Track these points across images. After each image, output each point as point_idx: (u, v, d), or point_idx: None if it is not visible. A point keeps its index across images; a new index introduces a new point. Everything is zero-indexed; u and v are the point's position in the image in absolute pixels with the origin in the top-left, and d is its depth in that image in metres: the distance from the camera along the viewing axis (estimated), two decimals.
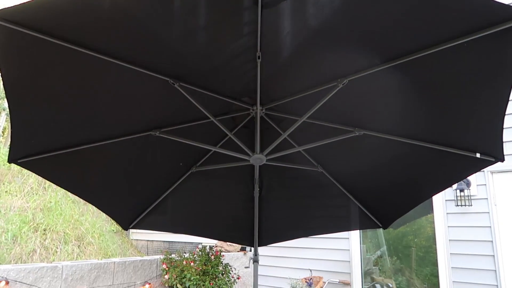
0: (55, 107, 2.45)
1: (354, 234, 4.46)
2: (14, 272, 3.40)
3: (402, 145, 2.96)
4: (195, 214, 4.08)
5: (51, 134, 2.66)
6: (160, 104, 2.82)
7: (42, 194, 6.70)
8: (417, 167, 3.07)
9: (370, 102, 2.69)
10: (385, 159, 3.19)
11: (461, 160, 2.83)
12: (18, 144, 2.61)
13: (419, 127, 2.75)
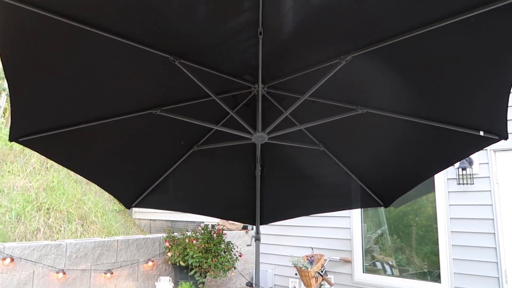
0: (55, 85, 2.43)
1: (355, 213, 4.49)
2: (18, 249, 3.44)
3: (404, 123, 2.94)
4: (197, 193, 4.10)
5: (52, 112, 2.64)
6: (161, 82, 2.79)
7: (45, 174, 6.73)
8: (419, 145, 3.06)
9: (373, 80, 2.66)
10: (388, 138, 3.18)
11: (464, 138, 2.81)
12: (18, 122, 2.59)
13: (423, 105, 2.72)
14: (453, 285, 3.69)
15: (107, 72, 2.48)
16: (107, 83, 2.57)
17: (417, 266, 4.05)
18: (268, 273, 5.12)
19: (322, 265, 4.20)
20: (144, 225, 7.40)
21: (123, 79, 2.59)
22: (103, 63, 2.39)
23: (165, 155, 3.63)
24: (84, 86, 2.52)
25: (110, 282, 4.01)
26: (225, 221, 5.46)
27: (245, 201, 4.27)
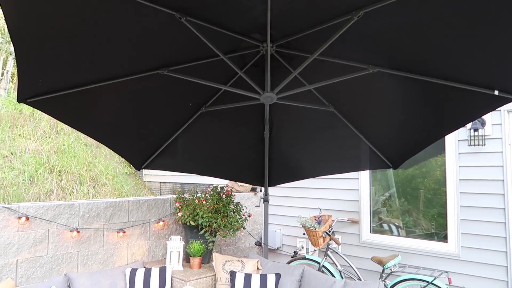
0: (61, 46, 2.39)
1: (364, 174, 4.49)
2: (33, 209, 3.53)
3: (416, 83, 2.87)
4: (206, 155, 4.12)
5: (58, 73, 2.62)
6: (168, 41, 2.73)
7: (55, 137, 6.80)
8: (431, 106, 3.00)
9: (385, 37, 2.57)
10: (399, 98, 3.12)
11: (477, 98, 2.74)
12: (26, 83, 2.58)
13: (436, 63, 2.63)
14: (460, 244, 3.74)
15: (114, 32, 2.42)
16: (114, 43, 2.52)
17: (424, 228, 4.09)
18: (276, 233, 5.22)
19: (330, 225, 4.26)
20: (155, 187, 7.53)
21: (130, 38, 2.54)
22: (109, 22, 2.34)
23: (174, 117, 3.62)
24: (91, 46, 2.48)
25: (122, 240, 4.12)
26: (234, 183, 5.52)
27: (253, 163, 4.29)
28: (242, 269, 3.72)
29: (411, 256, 4.04)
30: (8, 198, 4.91)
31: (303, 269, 3.65)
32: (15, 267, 3.41)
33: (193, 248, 4.08)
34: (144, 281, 3.64)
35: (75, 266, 3.78)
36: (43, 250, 3.58)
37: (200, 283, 3.80)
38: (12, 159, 5.74)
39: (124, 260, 4.14)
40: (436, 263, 3.87)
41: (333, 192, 4.74)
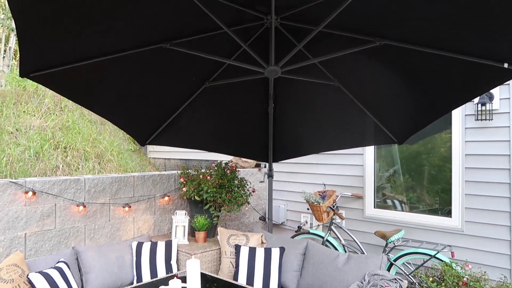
0: (63, 19, 2.35)
1: (369, 150, 4.47)
2: (39, 184, 3.56)
3: (423, 56, 2.81)
4: (210, 131, 4.11)
5: (61, 47, 2.58)
6: (170, 14, 2.68)
7: (59, 114, 6.80)
8: (439, 79, 2.94)
9: (392, 9, 2.50)
10: (405, 72, 3.06)
11: (486, 71, 2.69)
12: (28, 58, 2.55)
13: (444, 35, 2.57)
14: (464, 219, 3.75)
15: (116, 5, 2.37)
16: (116, 17, 2.48)
17: (428, 204, 4.09)
18: (280, 209, 5.26)
19: (334, 200, 4.28)
20: (159, 164, 7.57)
21: (132, 12, 2.49)
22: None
23: (177, 92, 3.60)
24: (92, 19, 2.44)
25: (128, 215, 4.17)
26: (238, 159, 5.53)
27: (257, 139, 4.28)
28: (247, 243, 3.76)
29: (415, 231, 4.07)
30: (15, 173, 4.96)
31: (307, 243, 3.69)
32: (24, 240, 3.48)
33: (198, 223, 4.13)
34: (150, 254, 3.70)
35: (82, 239, 3.84)
36: (51, 224, 3.63)
37: (205, 256, 3.86)
38: (18, 135, 5.77)
39: (130, 234, 4.21)
40: (439, 238, 3.90)
41: (338, 167, 4.73)
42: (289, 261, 3.61)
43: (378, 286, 2.93)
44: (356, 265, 3.24)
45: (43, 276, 2.95)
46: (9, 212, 3.39)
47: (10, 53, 12.87)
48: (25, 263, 3.05)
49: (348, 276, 3.20)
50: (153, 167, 7.42)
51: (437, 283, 3.12)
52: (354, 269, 3.22)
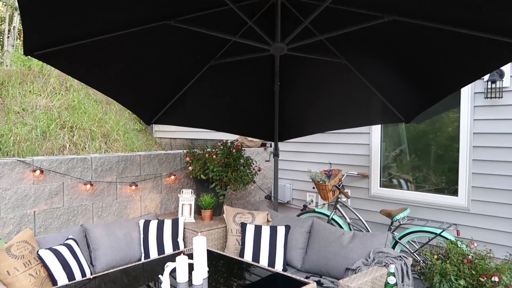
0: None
1: (375, 129, 4.44)
2: (47, 162, 3.59)
3: (433, 32, 2.74)
4: (215, 110, 4.09)
5: (65, 24, 2.55)
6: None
7: (65, 94, 6.81)
8: (449, 56, 2.88)
9: None
10: (414, 48, 3.00)
11: (497, 47, 2.62)
12: (31, 35, 2.52)
13: (455, 9, 2.50)
14: (470, 198, 3.74)
15: None
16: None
17: (434, 183, 4.08)
18: (286, 188, 5.28)
19: (340, 179, 4.28)
20: (165, 143, 7.59)
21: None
22: None
23: (182, 71, 3.57)
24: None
25: (135, 193, 4.21)
26: (244, 139, 5.52)
27: (263, 118, 4.26)
28: (253, 221, 3.80)
29: (420, 210, 4.07)
30: (23, 153, 5.00)
31: (312, 221, 3.71)
32: (33, 217, 3.53)
33: (204, 201, 4.16)
34: (157, 231, 3.75)
35: (90, 217, 3.90)
36: (59, 202, 3.68)
37: (212, 234, 3.90)
38: (24, 115, 5.80)
39: (137, 212, 4.26)
40: (445, 216, 3.90)
41: (344, 146, 4.72)
42: (295, 239, 3.64)
43: (383, 263, 2.95)
44: (361, 243, 3.26)
45: (53, 252, 3.01)
46: (18, 190, 3.43)
47: (15, 33, 12.81)
48: (34, 240, 3.10)
49: (353, 253, 3.23)
50: (159, 147, 7.45)
51: (442, 261, 3.14)
52: (359, 247, 3.24)
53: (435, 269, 3.07)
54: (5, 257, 2.80)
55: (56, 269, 2.95)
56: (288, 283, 2.49)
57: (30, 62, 7.17)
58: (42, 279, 2.88)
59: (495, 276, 2.85)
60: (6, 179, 3.36)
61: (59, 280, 2.93)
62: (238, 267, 2.81)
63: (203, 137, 6.62)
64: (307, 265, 3.50)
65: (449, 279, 2.94)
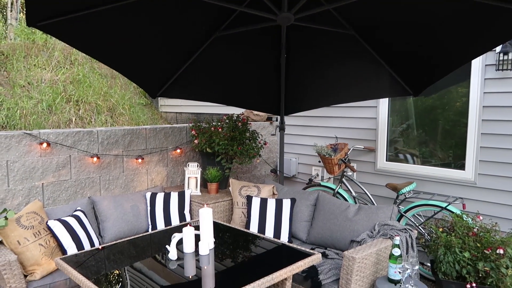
0: None
1: (383, 103, 4.39)
2: (53, 135, 3.60)
3: (444, 1, 2.66)
4: (221, 83, 4.05)
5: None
6: None
7: (69, 68, 6.76)
8: (461, 25, 2.80)
9: None
10: (425, 18, 2.91)
11: (510, 17, 2.54)
12: (34, 6, 2.48)
13: None
14: (477, 172, 3.72)
15: None
16: None
17: (440, 158, 4.05)
18: (291, 162, 5.28)
19: (346, 153, 4.27)
20: (171, 118, 7.58)
21: None
22: None
23: (187, 43, 3.51)
24: None
25: (141, 166, 4.24)
26: (250, 113, 5.49)
27: (269, 91, 4.21)
28: (258, 194, 3.82)
29: (427, 184, 4.07)
30: (29, 126, 5.02)
31: (318, 194, 3.72)
32: (42, 189, 3.57)
33: (210, 174, 4.17)
34: (164, 204, 3.79)
35: (97, 190, 3.94)
36: (67, 175, 3.71)
37: (218, 206, 3.93)
38: (30, 88, 5.79)
39: (144, 185, 4.29)
40: (451, 191, 3.89)
41: (350, 120, 4.68)
42: (300, 211, 3.67)
43: (388, 236, 2.97)
44: (366, 216, 3.27)
45: (62, 223, 3.06)
46: (25, 163, 3.46)
47: (18, 6, 12.66)
48: (43, 211, 3.15)
49: (358, 226, 3.25)
50: (165, 121, 7.45)
51: (447, 234, 3.15)
52: (364, 219, 3.25)
53: (440, 241, 3.08)
54: (15, 227, 2.85)
55: (65, 239, 3.00)
56: (293, 254, 2.51)
57: (34, 35, 7.10)
58: (52, 249, 2.94)
59: (500, 249, 2.85)
60: (14, 152, 3.39)
61: (68, 250, 2.99)
62: (244, 239, 2.84)
63: (209, 111, 6.59)
64: (312, 237, 3.54)
65: (453, 251, 2.96)
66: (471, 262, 2.93)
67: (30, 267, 2.81)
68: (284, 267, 2.27)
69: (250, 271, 2.23)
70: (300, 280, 2.93)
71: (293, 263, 2.34)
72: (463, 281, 2.97)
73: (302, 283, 2.92)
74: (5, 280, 2.54)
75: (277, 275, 2.19)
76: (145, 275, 2.20)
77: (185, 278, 2.15)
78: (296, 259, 2.41)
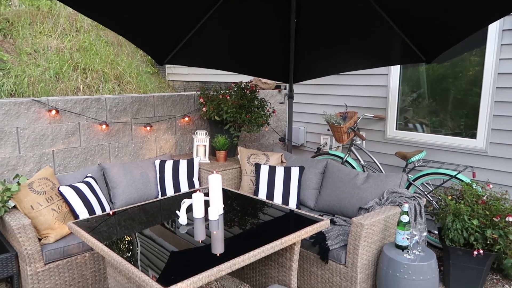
0: None
1: (394, 70, 4.29)
2: (62, 102, 3.59)
3: None
4: (229, 50, 3.98)
5: None
6: None
7: (75, 35, 6.68)
8: None
9: None
10: None
11: None
12: None
13: None
14: (489, 140, 3.67)
15: None
16: None
17: (450, 128, 4.00)
18: (300, 130, 5.26)
19: (355, 121, 4.23)
20: (178, 86, 7.53)
21: None
22: None
23: (194, 8, 3.42)
24: None
25: (150, 134, 4.24)
26: (258, 81, 5.43)
27: (278, 58, 4.13)
28: (267, 162, 3.82)
29: (436, 152, 4.03)
30: (37, 94, 5.02)
31: (326, 162, 3.72)
32: (52, 156, 3.61)
33: (218, 142, 4.17)
34: (173, 171, 3.82)
35: (107, 157, 3.97)
36: (76, 142, 3.73)
37: (226, 174, 3.96)
38: (36, 56, 5.74)
39: (153, 153, 4.31)
40: (462, 159, 3.86)
41: (360, 88, 4.60)
42: (308, 179, 3.68)
43: (397, 203, 2.97)
44: (375, 183, 3.27)
45: (73, 189, 3.10)
46: (35, 130, 3.47)
47: None
48: (55, 177, 3.19)
49: (367, 193, 3.25)
50: (172, 90, 7.40)
51: (456, 201, 3.14)
52: (373, 187, 3.25)
53: (448, 209, 3.08)
54: (27, 192, 2.90)
55: (77, 205, 3.05)
56: (302, 220, 2.53)
57: (39, 1, 6.98)
58: (65, 214, 3.00)
59: (509, 216, 2.85)
60: (23, 119, 3.40)
61: (80, 215, 3.05)
62: (253, 205, 2.87)
63: (216, 79, 6.53)
64: (321, 204, 3.56)
65: (462, 218, 2.96)
66: (479, 229, 2.94)
67: (44, 231, 2.87)
68: (293, 232, 2.29)
69: (259, 236, 2.25)
70: (308, 246, 2.97)
71: (301, 229, 2.36)
72: (470, 248, 2.99)
73: (310, 249, 2.96)
74: (20, 243, 2.61)
75: (286, 239, 2.21)
76: (155, 240, 2.24)
77: (194, 243, 2.19)
78: (305, 225, 2.43)
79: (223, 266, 1.87)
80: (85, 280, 2.93)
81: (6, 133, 3.32)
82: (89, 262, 2.94)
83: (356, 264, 2.67)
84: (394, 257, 2.58)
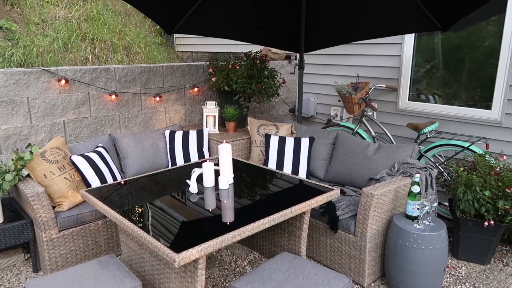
0: None
1: (408, 39, 4.17)
2: (71, 72, 3.58)
3: None
4: (238, 18, 3.89)
5: None
6: None
7: (83, 5, 6.58)
8: None
9: None
10: None
11: None
12: None
13: None
14: (504, 111, 3.59)
15: None
16: None
17: (464, 100, 3.91)
18: (310, 102, 5.20)
19: (367, 92, 4.16)
20: (187, 57, 7.45)
21: None
22: None
23: None
24: None
25: (159, 105, 4.23)
26: (268, 51, 5.33)
27: (288, 27, 4.03)
28: (277, 133, 3.80)
29: (450, 124, 3.97)
30: (47, 64, 5.01)
31: (337, 133, 3.68)
32: (63, 126, 3.63)
33: (228, 113, 4.15)
34: (183, 142, 3.83)
35: (117, 127, 3.98)
36: (86, 112, 3.74)
37: (236, 145, 3.95)
38: (44, 26, 5.69)
39: (162, 124, 4.32)
40: (475, 131, 3.79)
41: (372, 58, 4.50)
42: (318, 150, 3.66)
43: (408, 174, 2.95)
44: (386, 154, 3.24)
45: (85, 158, 3.13)
46: (45, 100, 3.48)
47: None
48: (66, 147, 3.21)
49: (378, 164, 3.23)
50: (181, 61, 7.33)
51: (468, 172, 3.11)
52: (384, 158, 3.23)
53: (460, 180, 3.06)
54: (40, 161, 2.93)
55: (89, 174, 3.09)
56: (312, 190, 2.53)
57: None
58: (77, 183, 3.04)
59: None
60: (33, 88, 3.40)
61: (92, 184, 3.09)
62: (263, 175, 2.87)
63: (225, 50, 6.43)
64: (330, 175, 3.55)
65: (473, 189, 2.94)
66: (491, 200, 2.92)
67: (57, 199, 2.92)
68: (303, 202, 2.30)
69: (269, 205, 2.26)
70: (317, 216, 2.98)
71: (311, 198, 2.36)
72: (481, 219, 2.98)
73: (319, 219, 2.98)
74: (35, 210, 2.66)
75: (296, 208, 2.22)
76: (166, 209, 2.27)
77: (205, 212, 2.21)
78: (315, 194, 2.43)
79: (234, 233, 1.88)
80: (98, 247, 3.00)
81: (17, 102, 3.33)
82: (102, 230, 3.00)
83: (366, 233, 2.68)
84: (404, 227, 2.58)
